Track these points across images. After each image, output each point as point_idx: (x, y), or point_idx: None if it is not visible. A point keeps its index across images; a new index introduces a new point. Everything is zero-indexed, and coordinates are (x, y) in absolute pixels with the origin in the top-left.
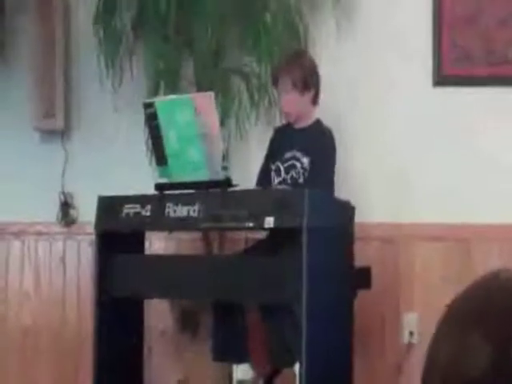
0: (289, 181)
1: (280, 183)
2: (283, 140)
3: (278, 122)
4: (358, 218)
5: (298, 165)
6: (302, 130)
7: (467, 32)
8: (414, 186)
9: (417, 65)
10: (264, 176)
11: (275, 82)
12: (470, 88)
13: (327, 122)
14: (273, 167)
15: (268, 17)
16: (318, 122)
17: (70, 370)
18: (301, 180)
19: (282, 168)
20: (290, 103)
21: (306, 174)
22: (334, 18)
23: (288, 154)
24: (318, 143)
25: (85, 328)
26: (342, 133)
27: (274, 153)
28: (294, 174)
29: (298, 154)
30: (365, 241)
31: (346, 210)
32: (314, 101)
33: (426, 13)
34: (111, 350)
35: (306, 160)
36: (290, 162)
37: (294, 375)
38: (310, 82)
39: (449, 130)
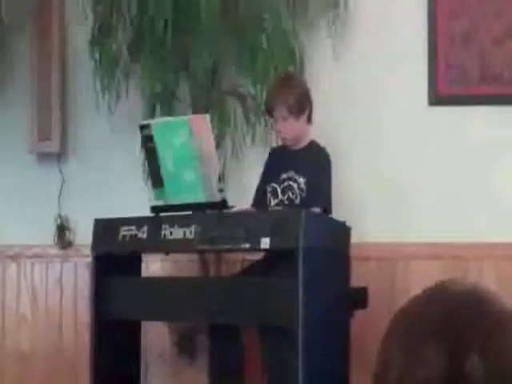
0: (286, 202)
1: (277, 204)
2: (279, 161)
3: (274, 142)
4: (355, 238)
5: (295, 185)
6: (298, 151)
7: (462, 51)
8: (410, 205)
9: (412, 84)
10: (260, 197)
11: (270, 112)
12: (465, 107)
13: (323, 140)
14: (269, 188)
15: (264, 38)
16: (313, 142)
17: None
18: (297, 201)
19: (278, 189)
20: (288, 129)
21: (303, 195)
22: (329, 39)
23: (284, 175)
24: (314, 163)
25: (82, 350)
26: (337, 151)
27: (270, 174)
28: (291, 195)
29: (295, 175)
30: (361, 261)
31: (342, 231)
32: (309, 119)
33: (422, 32)
34: (108, 373)
35: (302, 180)
36: (286, 183)
37: None
38: (303, 104)
39: (445, 149)
